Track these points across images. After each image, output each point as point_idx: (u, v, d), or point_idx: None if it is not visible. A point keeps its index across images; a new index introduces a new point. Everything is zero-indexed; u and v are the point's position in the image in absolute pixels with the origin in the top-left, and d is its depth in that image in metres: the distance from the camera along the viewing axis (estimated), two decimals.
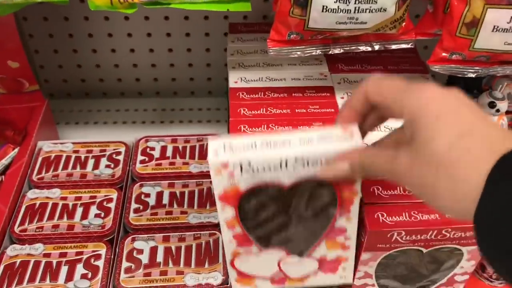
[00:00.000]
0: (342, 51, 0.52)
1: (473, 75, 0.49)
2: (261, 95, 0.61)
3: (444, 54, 0.49)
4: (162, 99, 0.92)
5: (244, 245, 0.49)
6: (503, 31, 0.45)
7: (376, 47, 0.52)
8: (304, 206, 0.47)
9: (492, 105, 0.59)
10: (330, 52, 0.52)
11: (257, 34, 0.71)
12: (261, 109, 0.59)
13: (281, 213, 0.47)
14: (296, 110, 0.59)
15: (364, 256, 0.50)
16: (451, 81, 0.69)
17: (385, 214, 0.48)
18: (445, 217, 0.49)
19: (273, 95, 0.61)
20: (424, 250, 0.51)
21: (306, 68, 0.66)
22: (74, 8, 0.78)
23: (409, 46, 0.52)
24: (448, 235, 0.49)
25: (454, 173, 0.31)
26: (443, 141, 0.32)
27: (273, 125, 0.57)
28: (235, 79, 0.63)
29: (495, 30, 0.45)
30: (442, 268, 0.54)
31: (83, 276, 0.53)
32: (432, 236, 0.49)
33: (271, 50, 0.51)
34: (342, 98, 0.61)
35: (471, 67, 0.49)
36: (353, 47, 0.52)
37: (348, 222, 0.48)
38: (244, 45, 0.69)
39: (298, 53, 0.51)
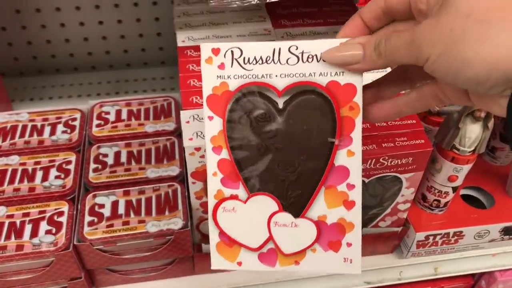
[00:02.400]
0: None
1: None
2: None
3: None
4: (115, 71, 0.93)
5: (229, 185, 0.42)
6: None
7: None
8: (299, 130, 0.40)
9: None
10: (268, 0, 0.55)
11: None
12: None
13: (273, 138, 0.41)
14: None
15: None
16: None
17: None
18: (382, 147, 0.53)
19: None
20: (366, 180, 0.55)
21: (250, 25, 0.69)
22: None
23: None
24: (386, 163, 0.54)
25: (488, 18, 0.28)
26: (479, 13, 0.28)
27: None
28: (183, 39, 0.66)
29: None
30: (385, 197, 0.58)
31: (48, 232, 0.55)
32: (371, 165, 0.53)
33: (212, 1, 0.53)
34: None
35: None
36: None
37: (351, 159, 0.40)
38: (190, 7, 0.71)
39: (238, 2, 0.54)
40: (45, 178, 0.61)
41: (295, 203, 0.42)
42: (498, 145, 0.70)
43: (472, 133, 0.56)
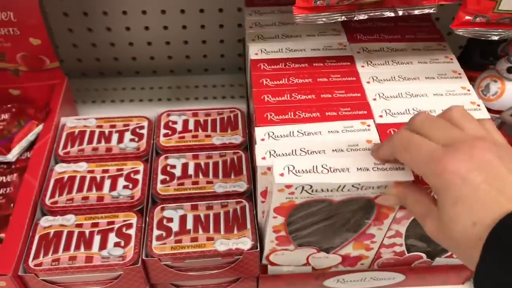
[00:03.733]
0: (366, 17, 0.53)
1: (496, 38, 0.50)
2: (282, 65, 0.62)
3: (467, 17, 0.49)
4: (177, 77, 0.93)
5: (283, 245, 0.55)
6: None
7: (400, 13, 0.53)
8: (347, 217, 0.53)
9: (510, 69, 0.60)
10: (355, 18, 0.53)
11: (274, 7, 0.71)
12: (283, 79, 0.60)
13: (324, 221, 0.53)
14: (318, 79, 0.60)
15: (399, 214, 0.52)
16: (468, 48, 0.69)
17: None
18: None
19: (294, 65, 0.62)
20: None
21: (325, 38, 0.66)
22: None
23: (431, 11, 0.52)
24: None
25: (469, 255, 0.35)
26: (459, 228, 0.35)
27: (296, 94, 0.58)
28: (256, 51, 0.64)
29: None
30: None
31: (116, 244, 0.55)
32: None
33: (297, 17, 0.51)
34: (363, 66, 0.62)
35: (495, 30, 0.50)
36: (378, 13, 0.53)
37: (378, 231, 0.55)
38: (262, 18, 0.70)
39: (324, 19, 0.52)
40: (113, 187, 0.60)
41: (329, 248, 0.57)
42: None
43: None
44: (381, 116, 0.56)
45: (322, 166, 0.47)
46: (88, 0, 0.81)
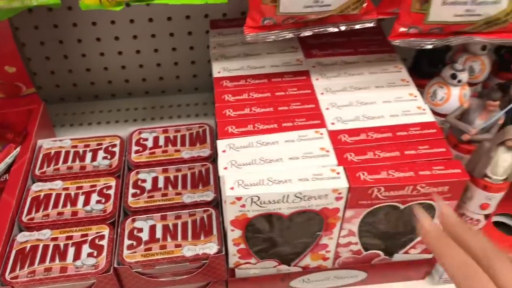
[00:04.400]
0: (311, 33, 0.57)
1: (430, 46, 0.55)
2: (243, 82, 0.67)
3: (402, 29, 0.54)
4: (151, 98, 0.97)
5: (245, 258, 0.60)
6: (451, 4, 0.50)
7: (342, 28, 0.57)
8: (298, 230, 0.57)
9: (454, 76, 0.65)
10: (301, 35, 0.57)
11: (237, 28, 0.76)
12: (244, 94, 0.64)
13: (279, 234, 0.57)
14: (276, 93, 0.65)
15: (348, 213, 0.55)
16: (417, 58, 0.74)
17: (365, 173, 0.54)
18: (419, 174, 0.54)
19: (254, 81, 0.67)
20: (401, 206, 0.56)
21: (283, 55, 0.71)
22: (63, 15, 0.83)
23: (372, 25, 0.57)
24: (422, 190, 0.54)
25: None
26: None
27: (255, 107, 0.63)
28: (218, 70, 0.68)
29: (444, 3, 0.50)
30: (412, 223, 0.59)
31: (90, 255, 0.58)
32: (408, 192, 0.54)
33: (248, 36, 0.56)
34: (317, 79, 0.66)
35: (428, 39, 0.55)
36: (322, 29, 0.57)
37: (330, 240, 0.59)
38: (225, 39, 0.74)
39: (272, 37, 0.57)
40: (87, 202, 0.64)
41: (289, 260, 0.62)
42: None
43: (505, 161, 0.57)
44: (333, 123, 0.60)
45: (267, 179, 0.53)
46: (63, 29, 0.85)
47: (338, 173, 0.54)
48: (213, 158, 0.70)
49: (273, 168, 0.55)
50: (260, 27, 0.56)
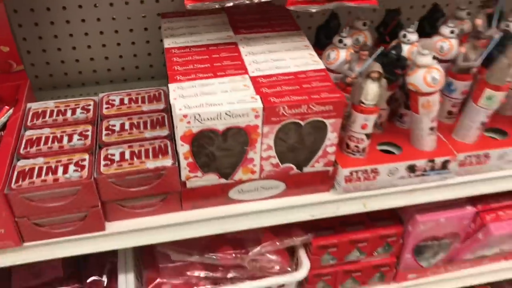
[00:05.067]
0: (232, 4, 0.81)
1: (314, 10, 0.80)
2: (187, 50, 0.89)
3: None
4: (115, 85, 1.18)
5: (193, 171, 0.80)
6: None
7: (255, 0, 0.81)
8: (230, 144, 0.78)
9: (340, 41, 0.90)
10: (225, 5, 0.81)
11: (181, 17, 1.00)
12: (188, 57, 0.87)
13: (217, 149, 0.78)
14: (212, 55, 0.88)
15: (265, 129, 0.78)
16: (318, 34, 1.00)
17: (274, 98, 0.77)
18: (311, 97, 0.77)
19: (196, 49, 0.90)
20: (302, 123, 0.79)
21: (218, 33, 0.94)
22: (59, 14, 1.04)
23: None
24: (315, 109, 0.78)
25: None
26: None
27: (197, 64, 0.85)
28: (169, 43, 0.91)
29: None
30: (317, 138, 0.82)
31: (75, 171, 0.77)
32: (305, 110, 0.77)
33: (189, 6, 0.79)
34: (243, 47, 0.90)
35: (312, 5, 0.79)
36: (241, 1, 0.81)
37: (255, 154, 0.80)
38: (173, 24, 0.97)
39: (204, 6, 0.80)
40: (70, 140, 0.83)
41: (227, 174, 0.82)
42: (404, 112, 0.95)
43: (372, 90, 0.81)
44: (253, 72, 0.83)
45: (205, 103, 0.75)
46: (58, 25, 1.05)
47: (255, 99, 0.77)
48: (167, 110, 0.91)
49: (210, 97, 0.77)
50: (196, 0, 0.79)
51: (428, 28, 0.99)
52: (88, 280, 0.99)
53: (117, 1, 1.06)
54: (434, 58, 0.81)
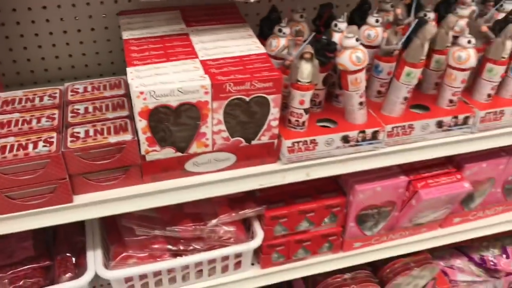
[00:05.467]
0: None
1: (252, 0, 0.92)
2: (144, 41, 1.00)
3: None
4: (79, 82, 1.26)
5: (152, 145, 0.90)
6: None
7: None
8: (184, 120, 0.88)
9: (280, 30, 1.03)
10: None
11: (137, 13, 1.10)
12: (144, 46, 0.97)
13: (172, 124, 0.87)
14: (166, 44, 0.99)
15: (214, 104, 0.89)
16: (261, 27, 1.12)
17: (222, 76, 0.88)
18: (254, 76, 0.89)
19: (151, 40, 1.00)
20: (247, 98, 0.90)
21: (172, 26, 1.06)
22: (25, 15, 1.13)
23: None
24: (257, 85, 0.89)
25: None
26: None
27: (152, 51, 0.95)
28: (127, 35, 1.01)
29: None
30: (261, 113, 0.93)
31: (44, 146, 0.86)
32: (248, 86, 0.89)
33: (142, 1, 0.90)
34: (194, 37, 1.01)
35: None
36: None
37: (206, 128, 0.90)
38: (130, 19, 1.08)
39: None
40: (38, 122, 0.92)
41: (183, 148, 0.93)
42: (339, 92, 1.08)
43: (306, 69, 0.93)
44: (202, 56, 0.95)
45: (160, 82, 0.85)
46: (24, 25, 1.14)
47: (204, 77, 0.88)
48: (127, 95, 1.01)
49: (163, 77, 0.87)
50: None
51: (358, 19, 1.12)
52: (58, 257, 1.07)
53: (79, 2, 1.16)
54: (357, 40, 0.94)
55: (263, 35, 1.10)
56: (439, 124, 1.06)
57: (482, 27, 1.06)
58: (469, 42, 1.00)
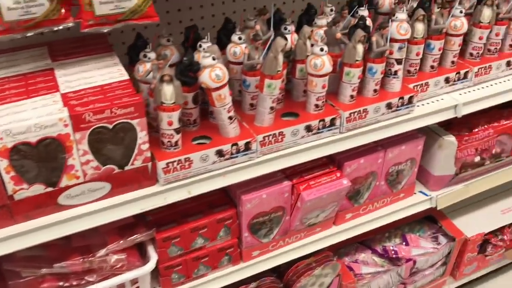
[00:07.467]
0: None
1: (105, 31, 0.94)
2: (6, 80, 0.99)
3: (86, 23, 0.93)
4: None
5: (18, 184, 0.90)
6: (105, 3, 0.91)
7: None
8: (47, 155, 0.88)
9: (145, 55, 1.05)
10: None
11: (4, 54, 1.09)
12: (6, 92, 0.97)
13: (36, 160, 0.88)
14: (29, 81, 0.98)
15: (76, 136, 0.89)
16: (129, 55, 1.14)
17: (80, 107, 0.89)
18: (113, 103, 0.91)
19: (14, 79, 1.00)
20: (110, 126, 0.92)
21: (37, 63, 1.05)
22: None
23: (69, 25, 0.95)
24: (118, 112, 0.91)
25: None
26: None
27: (12, 90, 0.95)
28: None
29: (101, 3, 0.91)
30: (129, 138, 0.95)
31: None
32: (109, 114, 0.90)
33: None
34: (58, 71, 1.02)
35: (102, 27, 0.94)
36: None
37: (74, 161, 0.91)
38: None
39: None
40: None
41: (53, 183, 0.93)
42: (212, 109, 1.12)
43: (168, 91, 0.96)
44: (64, 89, 0.95)
45: (17, 120, 0.85)
46: None
47: (62, 110, 0.89)
48: None
49: (20, 115, 0.87)
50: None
51: (224, 38, 1.17)
52: None
53: None
54: (214, 58, 0.99)
55: (132, 62, 1.12)
56: (308, 128, 1.12)
57: (336, 35, 1.14)
58: (321, 49, 1.07)
